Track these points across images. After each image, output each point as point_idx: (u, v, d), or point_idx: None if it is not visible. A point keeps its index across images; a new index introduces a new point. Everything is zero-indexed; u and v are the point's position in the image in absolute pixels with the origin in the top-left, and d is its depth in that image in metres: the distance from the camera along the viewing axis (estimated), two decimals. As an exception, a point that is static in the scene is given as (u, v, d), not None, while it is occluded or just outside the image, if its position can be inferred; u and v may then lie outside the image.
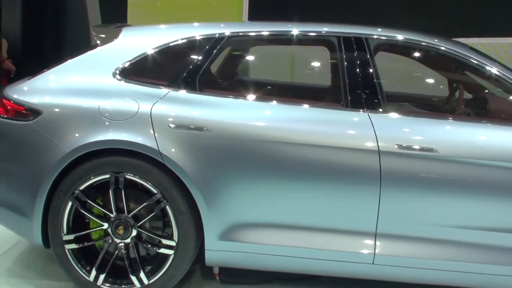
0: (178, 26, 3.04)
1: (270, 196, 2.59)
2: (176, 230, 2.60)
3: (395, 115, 2.66)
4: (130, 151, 2.57)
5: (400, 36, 2.85)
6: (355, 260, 2.61)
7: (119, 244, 2.67)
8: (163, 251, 2.65)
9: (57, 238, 2.66)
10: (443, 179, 2.53)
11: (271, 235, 2.62)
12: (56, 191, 2.62)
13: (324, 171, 2.56)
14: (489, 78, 2.83)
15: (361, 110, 2.64)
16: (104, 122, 2.59)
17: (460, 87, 3.15)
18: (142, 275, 2.65)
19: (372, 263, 2.60)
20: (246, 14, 6.37)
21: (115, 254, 2.69)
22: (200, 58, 2.78)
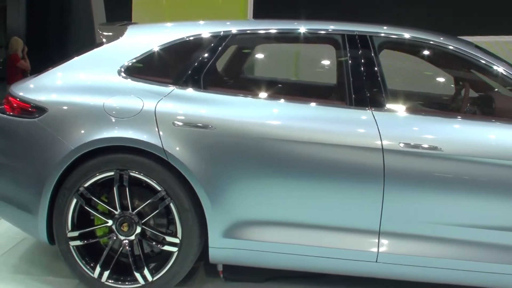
0: (182, 24, 3.05)
1: (273, 194, 2.59)
2: (180, 227, 2.61)
3: (399, 113, 2.66)
4: (135, 149, 2.58)
5: (404, 34, 2.84)
6: (359, 258, 2.61)
7: (123, 241, 2.68)
8: (167, 248, 2.66)
9: (61, 234, 2.68)
10: (447, 178, 2.53)
11: (275, 233, 2.62)
12: (61, 188, 2.64)
13: (327, 169, 2.56)
14: (494, 77, 2.81)
15: (365, 108, 2.64)
16: (109, 119, 2.60)
17: (465, 86, 3.14)
18: (146, 272, 2.66)
19: (376, 261, 2.60)
20: (251, 12, 6.37)
21: (120, 251, 2.70)
22: (204, 56, 2.78)
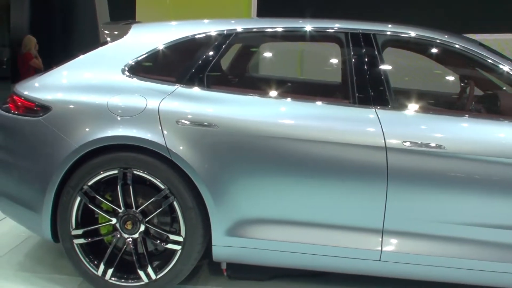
0: (186, 23, 3.05)
1: (277, 192, 2.59)
2: (184, 225, 2.62)
3: (402, 112, 2.65)
4: (138, 147, 2.59)
5: (408, 32, 2.83)
6: (362, 256, 2.61)
7: (127, 239, 2.69)
8: (170, 246, 2.66)
9: (65, 232, 2.69)
10: (451, 176, 2.52)
11: (278, 231, 2.63)
12: (65, 186, 2.65)
13: (330, 168, 2.55)
14: (499, 75, 2.80)
15: (368, 107, 2.63)
16: (112, 118, 2.60)
17: (470, 84, 3.12)
18: (150, 270, 2.67)
19: (379, 260, 2.60)
20: (255, 11, 6.37)
21: (123, 249, 2.71)
22: (208, 54, 2.78)
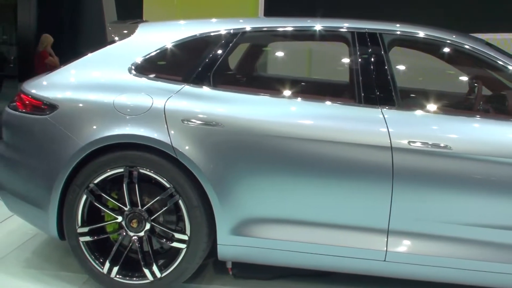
0: (192, 22, 3.05)
1: (282, 191, 2.59)
2: (189, 224, 2.62)
3: (408, 112, 2.64)
4: (144, 146, 2.60)
5: (414, 32, 2.82)
6: (367, 257, 2.60)
7: (132, 237, 2.70)
8: (175, 245, 2.67)
9: (71, 230, 2.70)
10: (456, 176, 2.51)
11: (284, 231, 2.62)
12: (71, 184, 2.66)
13: (336, 167, 2.55)
14: (507, 74, 2.79)
15: (374, 107, 2.63)
16: (119, 116, 2.61)
17: (478, 84, 3.10)
18: (155, 268, 2.68)
19: (384, 260, 2.59)
20: (262, 10, 6.37)
21: (129, 247, 2.72)
22: (214, 53, 2.79)
